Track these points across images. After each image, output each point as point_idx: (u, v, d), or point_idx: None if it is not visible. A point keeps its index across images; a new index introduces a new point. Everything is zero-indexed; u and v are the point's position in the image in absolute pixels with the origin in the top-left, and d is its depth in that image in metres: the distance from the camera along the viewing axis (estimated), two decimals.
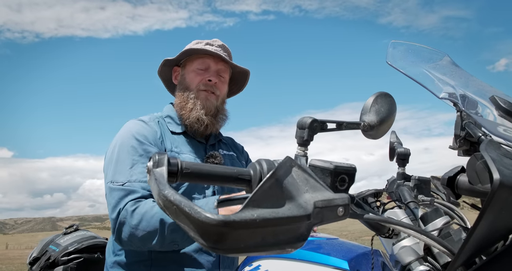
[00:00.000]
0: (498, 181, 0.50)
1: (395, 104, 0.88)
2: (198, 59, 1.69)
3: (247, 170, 0.59)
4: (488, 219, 0.54)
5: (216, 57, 1.69)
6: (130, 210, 1.30)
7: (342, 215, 0.55)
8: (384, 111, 0.84)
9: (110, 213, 1.37)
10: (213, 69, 1.69)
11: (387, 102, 0.86)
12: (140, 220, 1.28)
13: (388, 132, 0.91)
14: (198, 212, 0.42)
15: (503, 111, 0.71)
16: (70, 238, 1.94)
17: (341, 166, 0.62)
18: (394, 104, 0.88)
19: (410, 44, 0.87)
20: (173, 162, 0.54)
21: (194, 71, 1.69)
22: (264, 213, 0.45)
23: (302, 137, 0.66)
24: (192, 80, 1.68)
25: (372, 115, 0.83)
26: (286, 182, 0.50)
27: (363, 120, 0.83)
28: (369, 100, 0.84)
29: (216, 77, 1.69)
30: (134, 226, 1.28)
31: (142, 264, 1.44)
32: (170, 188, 0.46)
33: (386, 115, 0.84)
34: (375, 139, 0.86)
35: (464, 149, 0.80)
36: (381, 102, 0.85)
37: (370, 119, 0.83)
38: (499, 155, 0.56)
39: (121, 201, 1.34)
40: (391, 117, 0.87)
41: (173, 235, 1.28)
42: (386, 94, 0.86)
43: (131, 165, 1.41)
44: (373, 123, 0.82)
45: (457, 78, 0.82)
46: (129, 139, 1.49)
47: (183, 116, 1.65)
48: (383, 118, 0.84)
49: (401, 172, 1.20)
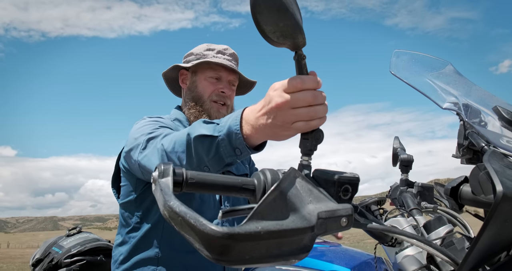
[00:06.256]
0: (501, 193, 0.51)
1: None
2: (211, 67, 1.70)
3: (251, 180, 0.59)
4: (492, 230, 0.55)
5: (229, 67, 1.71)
6: (162, 135, 1.28)
7: (346, 225, 0.56)
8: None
9: (140, 152, 1.32)
10: (225, 80, 1.72)
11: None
12: (171, 141, 1.20)
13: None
14: (203, 224, 0.43)
15: (506, 122, 0.71)
16: (73, 240, 1.95)
17: (344, 176, 0.63)
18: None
19: (414, 53, 0.88)
20: (178, 172, 0.55)
21: (207, 80, 1.70)
22: (268, 225, 0.45)
23: (306, 147, 0.66)
24: (205, 90, 1.69)
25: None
26: (290, 193, 0.50)
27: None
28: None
29: (229, 89, 1.71)
30: (167, 146, 1.20)
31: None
32: (175, 199, 0.47)
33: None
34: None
35: (467, 158, 0.80)
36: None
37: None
38: (502, 166, 0.57)
39: (156, 138, 1.30)
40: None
41: (198, 150, 1.14)
42: None
43: (152, 128, 1.39)
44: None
45: (460, 88, 0.82)
46: (146, 120, 1.50)
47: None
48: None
49: (404, 178, 1.20)
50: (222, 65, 1.68)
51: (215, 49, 1.74)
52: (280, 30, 0.63)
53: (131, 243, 1.51)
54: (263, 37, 0.64)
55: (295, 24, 0.63)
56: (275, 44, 0.65)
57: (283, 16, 0.62)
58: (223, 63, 1.67)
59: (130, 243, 1.52)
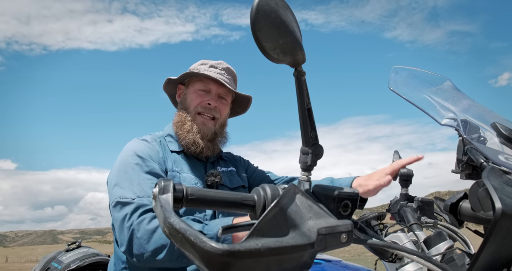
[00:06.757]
0: (501, 210, 0.51)
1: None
2: (201, 80, 1.72)
3: (251, 196, 0.59)
4: (492, 247, 0.55)
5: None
6: (143, 222, 1.30)
7: (346, 241, 0.56)
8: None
9: (119, 226, 1.36)
10: (214, 93, 1.72)
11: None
12: (152, 232, 1.27)
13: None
14: (204, 241, 0.43)
15: (505, 139, 0.72)
16: (72, 255, 1.93)
17: (344, 192, 0.63)
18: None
19: (412, 69, 0.89)
20: (178, 188, 0.55)
21: (195, 92, 1.72)
22: (268, 242, 0.45)
23: (306, 162, 0.66)
24: (192, 101, 1.71)
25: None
26: (290, 210, 0.50)
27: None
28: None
29: (215, 101, 1.71)
30: (147, 239, 1.27)
31: None
32: (175, 216, 0.47)
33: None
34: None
35: (467, 173, 0.80)
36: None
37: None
38: (501, 183, 0.57)
39: (133, 214, 1.33)
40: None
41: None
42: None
43: (137, 182, 1.42)
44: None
45: (459, 103, 0.83)
46: (133, 157, 1.50)
47: (180, 136, 1.67)
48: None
49: (404, 193, 1.20)
50: (207, 76, 1.68)
51: (208, 63, 1.75)
52: (280, 47, 0.64)
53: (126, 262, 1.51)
54: (263, 54, 0.64)
55: (295, 41, 0.64)
56: (275, 61, 0.66)
57: (283, 33, 0.62)
58: (208, 75, 1.67)
59: (125, 263, 1.51)
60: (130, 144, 1.59)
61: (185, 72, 1.72)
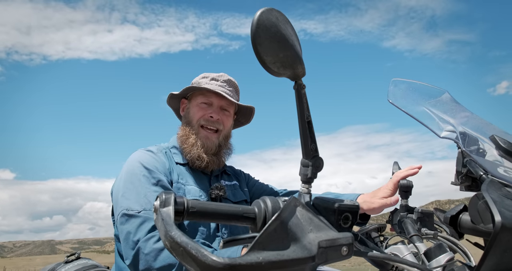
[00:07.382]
0: (500, 223, 0.51)
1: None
2: (202, 94, 1.73)
3: (251, 208, 0.60)
4: (492, 260, 0.55)
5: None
6: (151, 240, 1.30)
7: (346, 254, 0.56)
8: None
9: (124, 239, 1.35)
10: (216, 105, 1.73)
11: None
12: (160, 250, 1.27)
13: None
14: (205, 255, 0.43)
15: (503, 151, 0.72)
16: (71, 267, 1.91)
17: (344, 204, 0.63)
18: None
19: (411, 82, 0.89)
20: (179, 201, 0.55)
21: (198, 105, 1.73)
22: (269, 255, 0.45)
23: (306, 175, 0.67)
24: (195, 115, 1.72)
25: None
26: (291, 223, 0.51)
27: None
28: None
29: (218, 114, 1.72)
30: (154, 256, 1.27)
31: None
32: (177, 229, 0.47)
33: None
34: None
35: (466, 185, 0.80)
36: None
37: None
38: (501, 196, 0.57)
39: (139, 228, 1.33)
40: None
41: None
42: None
43: (144, 194, 1.42)
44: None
45: (458, 116, 0.84)
46: (140, 168, 1.50)
47: (185, 150, 1.68)
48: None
49: (404, 204, 1.20)
50: (207, 89, 1.69)
51: (209, 76, 1.77)
52: (280, 61, 0.64)
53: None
54: (263, 68, 0.65)
55: (295, 55, 0.65)
56: (275, 74, 0.66)
57: (283, 47, 0.63)
58: (209, 88, 1.68)
59: None
60: (136, 154, 1.60)
61: (186, 86, 1.74)
